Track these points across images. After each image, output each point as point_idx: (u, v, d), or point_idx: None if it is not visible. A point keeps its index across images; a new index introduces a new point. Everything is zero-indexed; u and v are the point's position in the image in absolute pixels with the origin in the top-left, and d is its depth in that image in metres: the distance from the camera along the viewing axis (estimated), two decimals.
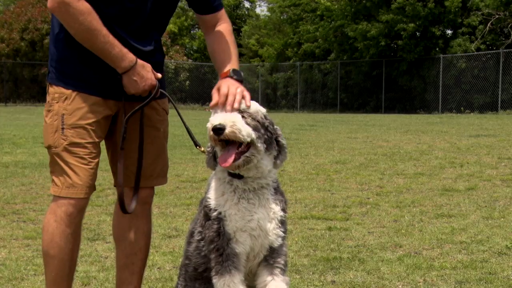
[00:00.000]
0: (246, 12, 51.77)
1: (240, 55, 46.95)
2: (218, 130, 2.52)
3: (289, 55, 37.07)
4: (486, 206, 6.23)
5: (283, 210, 2.73)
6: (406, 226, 5.41)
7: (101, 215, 5.91)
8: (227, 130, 2.51)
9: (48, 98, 2.84)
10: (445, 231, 5.18)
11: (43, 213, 5.95)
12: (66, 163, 2.80)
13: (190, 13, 48.52)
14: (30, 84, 38.88)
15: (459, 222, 5.50)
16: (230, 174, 2.65)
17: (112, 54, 2.69)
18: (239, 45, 47.99)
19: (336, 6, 32.20)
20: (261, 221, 2.65)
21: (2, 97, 36.14)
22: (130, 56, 2.72)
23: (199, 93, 36.61)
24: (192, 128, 3.03)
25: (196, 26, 48.70)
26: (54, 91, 2.82)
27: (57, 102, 2.80)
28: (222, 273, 2.63)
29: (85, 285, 3.88)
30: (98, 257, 4.47)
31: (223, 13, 3.03)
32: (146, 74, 2.76)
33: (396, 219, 5.68)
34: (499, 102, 26.74)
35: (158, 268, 4.21)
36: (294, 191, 7.21)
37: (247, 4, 52.27)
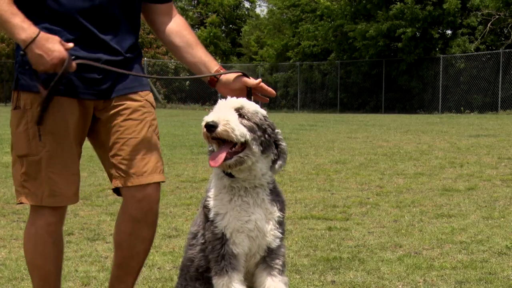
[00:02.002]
0: (246, 12, 51.77)
1: (240, 55, 47.16)
2: (210, 127, 2.50)
3: (289, 55, 37.07)
4: (486, 206, 6.23)
5: (281, 210, 2.71)
6: (406, 226, 5.41)
7: (101, 215, 5.91)
8: (219, 128, 2.50)
9: (18, 104, 2.71)
10: (445, 231, 5.18)
11: None
12: (47, 171, 2.68)
13: (190, 13, 48.51)
14: None
15: (459, 222, 5.50)
16: (223, 171, 2.64)
17: (11, 24, 2.52)
18: (239, 45, 47.99)
19: (336, 6, 32.20)
20: (258, 222, 2.64)
21: (2, 97, 36.14)
22: (32, 29, 2.53)
23: (199, 93, 36.54)
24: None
25: (196, 26, 48.67)
26: (25, 97, 2.69)
27: (30, 108, 2.67)
28: (221, 274, 2.62)
29: (85, 285, 3.88)
30: (98, 257, 4.47)
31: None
32: (52, 46, 2.52)
33: (396, 219, 5.68)
34: (499, 102, 26.74)
35: (158, 268, 4.21)
36: (294, 191, 7.21)
37: (247, 4, 52.30)
